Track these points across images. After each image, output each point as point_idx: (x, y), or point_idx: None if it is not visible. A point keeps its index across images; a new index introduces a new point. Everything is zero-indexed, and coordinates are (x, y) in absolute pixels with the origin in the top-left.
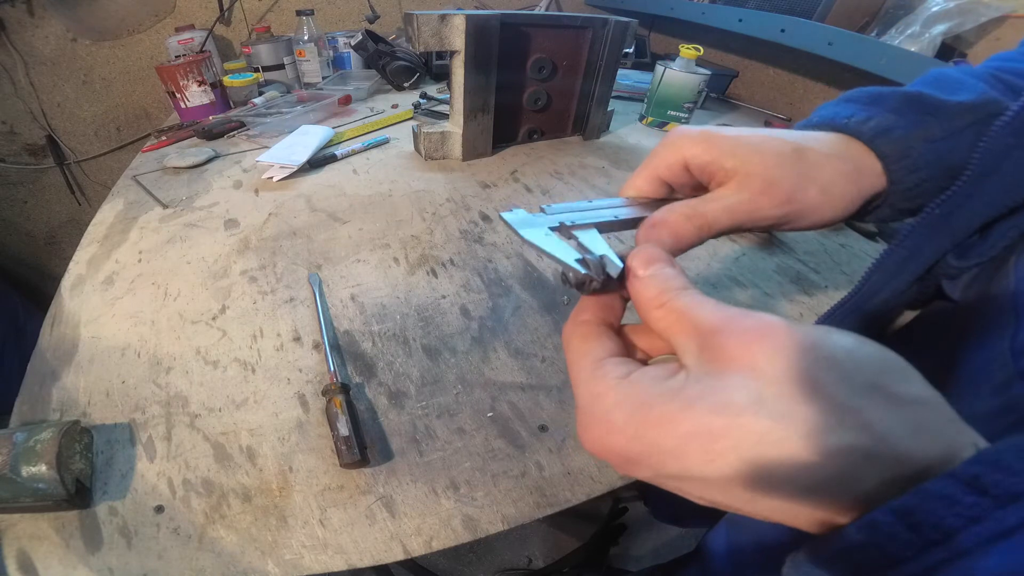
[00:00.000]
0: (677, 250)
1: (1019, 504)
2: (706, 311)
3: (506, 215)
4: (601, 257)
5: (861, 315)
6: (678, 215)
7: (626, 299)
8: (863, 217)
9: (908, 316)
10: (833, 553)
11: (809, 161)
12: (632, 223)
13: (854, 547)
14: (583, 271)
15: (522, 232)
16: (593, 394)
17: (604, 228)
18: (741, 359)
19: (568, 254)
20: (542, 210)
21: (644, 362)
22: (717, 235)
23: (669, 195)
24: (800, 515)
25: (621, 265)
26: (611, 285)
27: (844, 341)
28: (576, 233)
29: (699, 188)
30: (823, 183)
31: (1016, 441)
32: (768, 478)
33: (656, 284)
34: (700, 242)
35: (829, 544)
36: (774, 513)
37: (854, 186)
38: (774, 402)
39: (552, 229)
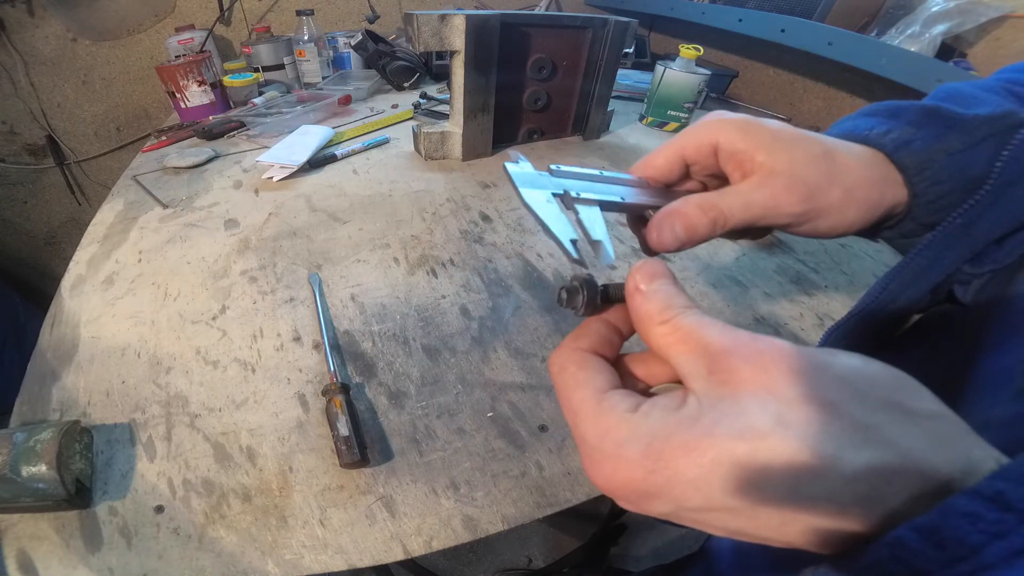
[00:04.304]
0: (689, 243)
1: None
2: (714, 332)
3: (510, 166)
4: (595, 283)
5: (874, 322)
6: (693, 206)
7: (624, 334)
8: (880, 231)
9: (912, 318)
10: (858, 568)
11: (837, 163)
12: (636, 208)
13: (880, 563)
14: (574, 254)
15: (523, 192)
16: (601, 429)
17: (607, 207)
18: (755, 382)
19: (564, 231)
20: (550, 170)
21: (644, 392)
22: (730, 230)
23: (679, 181)
24: (828, 537)
25: (613, 257)
26: (606, 302)
27: (852, 361)
28: (578, 207)
29: (714, 177)
30: (848, 185)
31: None
32: (799, 501)
33: (660, 299)
34: (712, 236)
35: (854, 560)
36: (801, 537)
37: (878, 192)
38: (798, 424)
39: (555, 195)
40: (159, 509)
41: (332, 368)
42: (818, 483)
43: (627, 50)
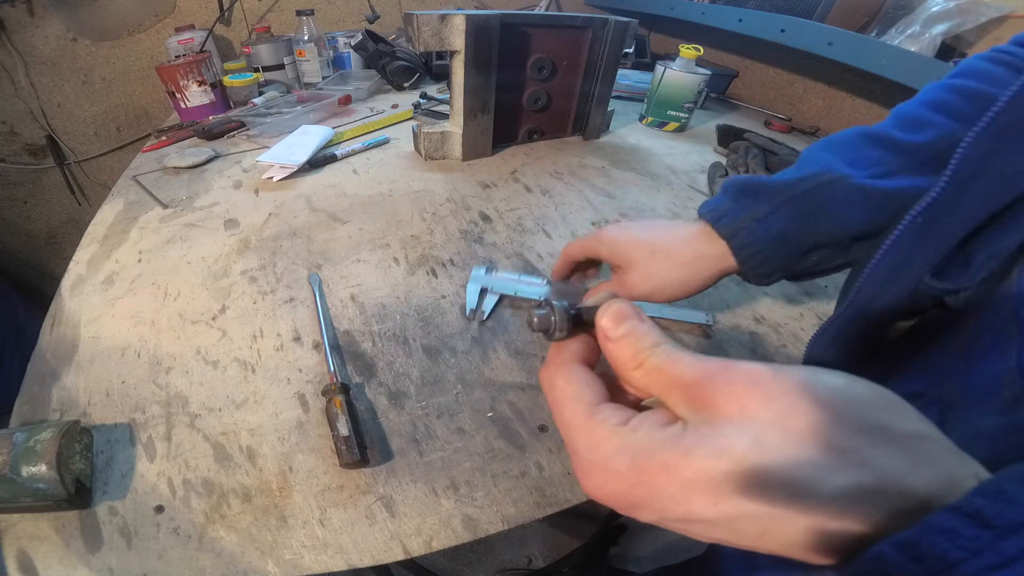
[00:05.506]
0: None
1: (1019, 535)
2: (684, 366)
3: (475, 269)
4: (566, 308)
5: (858, 326)
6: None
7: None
8: (751, 277)
9: (900, 324)
10: None
11: (659, 256)
12: (523, 300)
13: (865, 574)
14: (467, 314)
15: (469, 284)
16: (592, 441)
17: (505, 296)
18: (731, 407)
19: (471, 302)
20: (487, 273)
21: (636, 404)
22: None
23: (573, 275)
24: (808, 550)
25: (473, 306)
26: (579, 327)
27: (834, 381)
28: (487, 296)
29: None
30: (664, 273)
31: (1019, 470)
32: (777, 518)
33: (629, 345)
34: None
35: (844, 570)
36: (782, 549)
37: (688, 270)
38: (774, 445)
39: (482, 288)
40: (159, 509)
41: (332, 368)
42: (796, 503)
43: (627, 50)
